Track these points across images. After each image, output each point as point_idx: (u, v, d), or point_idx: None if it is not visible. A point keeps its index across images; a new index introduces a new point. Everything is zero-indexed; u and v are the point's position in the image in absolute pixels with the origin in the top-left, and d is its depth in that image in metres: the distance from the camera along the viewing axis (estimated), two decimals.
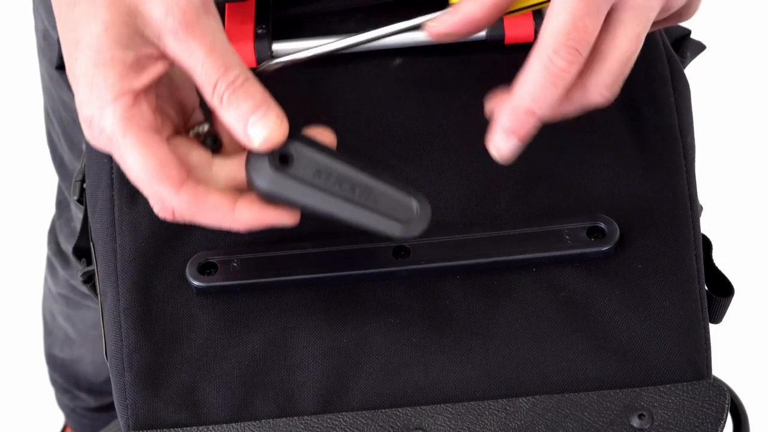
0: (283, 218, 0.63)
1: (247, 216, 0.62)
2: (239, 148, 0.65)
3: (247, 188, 0.64)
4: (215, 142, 0.65)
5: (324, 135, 0.65)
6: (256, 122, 0.61)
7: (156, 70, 0.61)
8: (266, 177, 0.61)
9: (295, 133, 0.63)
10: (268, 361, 0.67)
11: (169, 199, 0.61)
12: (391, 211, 0.63)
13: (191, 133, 0.66)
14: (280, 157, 0.62)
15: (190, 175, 0.62)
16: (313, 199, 0.62)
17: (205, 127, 0.66)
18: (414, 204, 0.64)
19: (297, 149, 0.62)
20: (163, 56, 0.61)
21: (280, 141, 0.62)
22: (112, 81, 0.60)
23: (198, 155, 0.64)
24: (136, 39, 0.60)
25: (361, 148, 0.74)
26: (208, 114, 0.65)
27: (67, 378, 1.46)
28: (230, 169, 0.65)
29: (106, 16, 0.60)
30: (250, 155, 0.62)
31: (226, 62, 0.61)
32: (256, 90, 0.62)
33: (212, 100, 0.61)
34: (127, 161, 0.61)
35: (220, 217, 0.62)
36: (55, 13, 0.64)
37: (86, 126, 0.61)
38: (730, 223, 1.70)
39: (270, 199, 0.62)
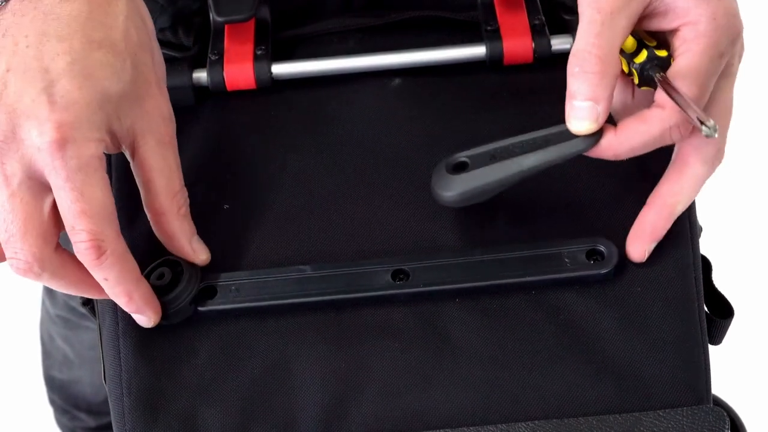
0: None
1: None
2: None
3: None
4: None
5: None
6: (198, 241, 0.70)
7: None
8: (458, 184, 0.67)
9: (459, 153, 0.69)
10: (268, 386, 0.67)
11: (112, 241, 0.63)
12: (566, 138, 0.66)
13: None
14: (455, 167, 0.68)
15: None
16: (505, 171, 0.67)
17: None
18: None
19: (465, 155, 0.68)
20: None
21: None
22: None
23: None
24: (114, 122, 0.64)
25: (360, 170, 0.74)
26: None
27: (66, 399, 1.46)
28: None
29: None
30: (436, 180, 0.68)
31: (182, 181, 0.68)
32: None
33: (169, 203, 0.67)
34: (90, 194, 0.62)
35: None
36: None
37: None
38: (730, 244, 1.69)
39: (472, 198, 0.68)
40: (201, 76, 0.78)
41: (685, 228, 0.71)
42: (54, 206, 0.63)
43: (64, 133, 0.61)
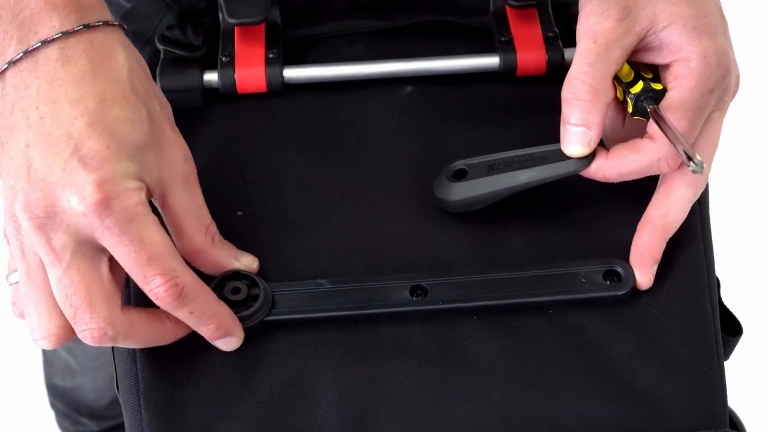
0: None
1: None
2: None
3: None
4: None
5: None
6: (242, 254, 0.70)
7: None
8: (456, 191, 0.70)
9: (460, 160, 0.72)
10: (286, 401, 0.67)
11: (184, 274, 0.63)
12: (560, 158, 0.69)
13: None
14: (455, 174, 0.71)
15: None
16: (500, 183, 0.70)
17: None
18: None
19: (465, 163, 0.71)
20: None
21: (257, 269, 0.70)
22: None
23: None
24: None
25: (374, 179, 0.74)
26: None
27: (68, 404, 1.46)
28: None
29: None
30: (436, 186, 0.72)
31: (209, 214, 0.68)
32: None
33: (203, 239, 0.67)
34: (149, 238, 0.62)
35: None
36: None
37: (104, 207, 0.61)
38: (735, 256, 1.70)
39: (468, 205, 0.71)
40: (211, 78, 0.77)
41: (699, 250, 0.72)
42: (111, 266, 0.62)
43: (105, 192, 0.60)
